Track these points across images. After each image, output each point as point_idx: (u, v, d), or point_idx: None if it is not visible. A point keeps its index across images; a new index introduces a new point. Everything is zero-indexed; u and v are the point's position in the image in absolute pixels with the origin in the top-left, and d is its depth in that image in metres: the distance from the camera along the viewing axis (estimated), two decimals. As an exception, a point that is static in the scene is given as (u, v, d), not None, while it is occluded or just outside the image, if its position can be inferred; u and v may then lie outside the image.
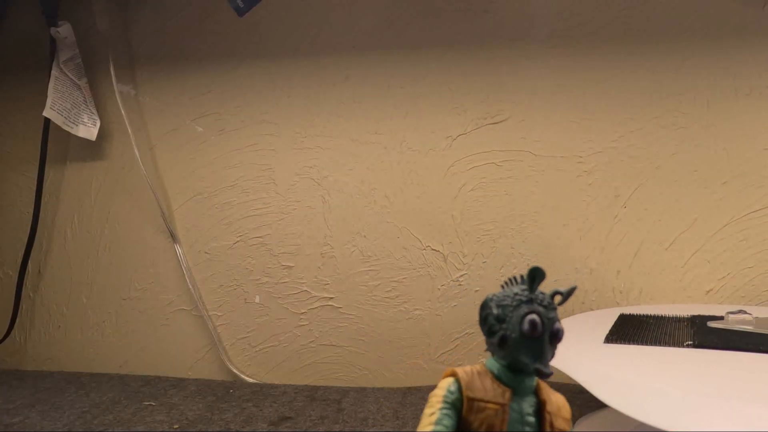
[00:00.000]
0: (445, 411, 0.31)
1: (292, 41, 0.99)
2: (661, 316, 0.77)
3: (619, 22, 0.91)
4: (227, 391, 0.90)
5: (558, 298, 0.32)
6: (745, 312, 0.70)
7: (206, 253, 1.02)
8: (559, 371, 0.54)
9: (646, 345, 0.64)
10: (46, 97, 1.00)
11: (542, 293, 0.32)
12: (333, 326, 0.99)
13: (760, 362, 0.58)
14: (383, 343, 0.97)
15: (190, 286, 1.01)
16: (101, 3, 1.02)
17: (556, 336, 0.30)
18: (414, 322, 0.96)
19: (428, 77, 0.95)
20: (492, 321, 0.32)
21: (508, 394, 0.30)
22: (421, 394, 0.87)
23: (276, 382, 0.98)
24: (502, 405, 0.30)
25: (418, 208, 0.96)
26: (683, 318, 0.76)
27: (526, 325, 0.30)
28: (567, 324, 0.78)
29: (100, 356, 1.05)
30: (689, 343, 0.65)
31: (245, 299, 1.01)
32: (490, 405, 0.30)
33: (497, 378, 0.31)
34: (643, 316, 0.78)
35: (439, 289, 0.96)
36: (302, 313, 0.99)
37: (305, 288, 0.99)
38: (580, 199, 0.92)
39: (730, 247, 0.89)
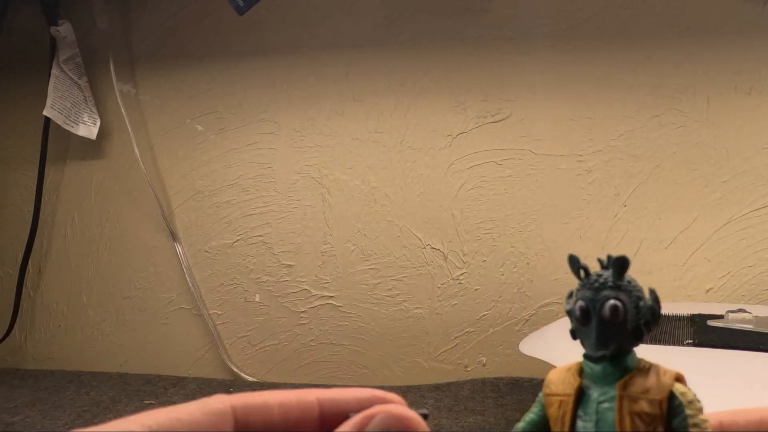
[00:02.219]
0: (533, 408, 0.32)
1: (292, 40, 0.99)
2: (661, 315, 0.77)
3: (619, 20, 0.91)
4: (227, 390, 0.90)
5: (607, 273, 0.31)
6: (745, 311, 0.70)
7: (206, 251, 1.02)
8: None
9: (646, 343, 0.64)
10: (47, 96, 1.00)
11: (597, 275, 0.31)
12: (333, 325, 0.99)
13: (760, 361, 0.58)
14: (383, 341, 0.97)
15: (191, 285, 1.01)
16: (101, 2, 1.02)
17: (606, 317, 0.29)
18: (414, 321, 0.96)
19: (428, 75, 0.95)
20: (569, 316, 0.32)
21: (577, 384, 0.30)
22: (421, 392, 0.87)
23: (276, 381, 0.98)
24: (568, 396, 0.30)
25: (419, 207, 0.96)
26: (683, 317, 0.76)
27: (577, 313, 0.30)
28: (566, 323, 0.78)
29: (100, 355, 1.05)
30: (689, 341, 0.65)
31: (245, 298, 1.01)
32: (557, 398, 0.30)
33: (581, 371, 0.31)
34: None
35: (439, 287, 0.96)
36: (302, 311, 0.99)
37: (305, 287, 0.99)
38: (580, 197, 0.92)
39: (730, 245, 0.89)
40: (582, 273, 0.31)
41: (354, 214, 0.98)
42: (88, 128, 1.02)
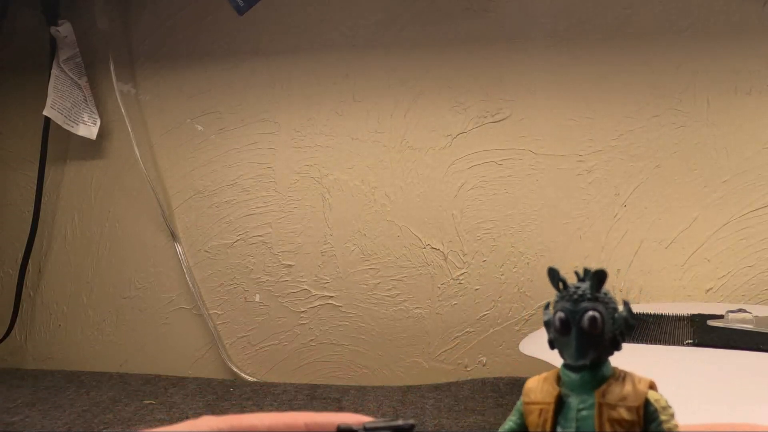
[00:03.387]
0: (512, 417, 0.33)
1: (292, 40, 0.99)
2: (661, 315, 0.77)
3: (619, 20, 0.91)
4: (227, 390, 0.90)
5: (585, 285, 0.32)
6: (745, 311, 0.70)
7: (206, 251, 1.02)
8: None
9: (646, 343, 0.64)
10: (47, 96, 1.00)
11: (575, 287, 0.32)
12: (333, 325, 0.99)
13: (760, 361, 0.58)
14: (383, 341, 0.97)
15: (191, 285, 1.01)
16: (101, 2, 1.02)
17: (585, 328, 0.30)
18: (414, 321, 0.96)
19: (428, 76, 0.95)
20: (546, 326, 0.32)
21: (556, 393, 0.31)
22: (421, 392, 0.87)
23: (276, 381, 0.98)
24: (548, 404, 0.31)
25: (419, 207, 0.96)
26: (683, 317, 0.76)
27: (556, 324, 0.31)
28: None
29: (100, 355, 1.05)
30: (689, 341, 0.65)
31: (245, 298, 1.01)
32: (537, 406, 0.31)
33: (559, 379, 0.32)
34: (643, 314, 0.78)
35: (439, 287, 0.96)
36: (302, 311, 0.99)
37: (305, 286, 0.99)
38: (580, 197, 0.92)
39: (730, 245, 0.89)
40: (561, 285, 0.32)
41: (354, 214, 0.98)
42: (88, 128, 1.02)
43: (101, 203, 1.05)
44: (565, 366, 0.31)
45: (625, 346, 0.31)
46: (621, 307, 0.32)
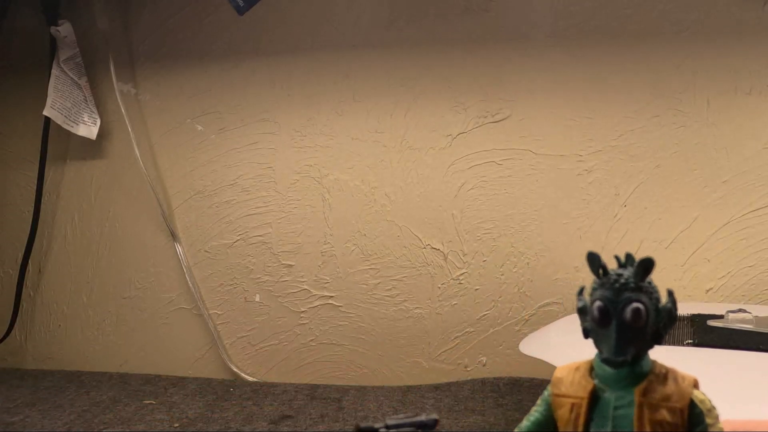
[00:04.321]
0: (538, 407, 0.31)
1: (292, 40, 0.99)
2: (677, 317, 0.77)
3: (619, 20, 0.91)
4: (227, 390, 0.90)
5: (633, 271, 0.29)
6: (745, 311, 0.70)
7: (206, 251, 1.02)
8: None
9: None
10: (47, 96, 1.00)
11: (617, 273, 0.29)
12: (333, 325, 0.99)
13: (760, 361, 0.58)
14: (383, 341, 0.97)
15: (191, 285, 1.01)
16: (101, 2, 1.02)
17: (627, 321, 0.28)
18: (414, 321, 0.96)
19: (428, 75, 0.95)
20: (580, 313, 0.30)
21: (590, 387, 0.29)
22: (422, 392, 0.87)
23: (276, 381, 0.98)
24: (581, 399, 0.29)
25: (419, 207, 0.96)
26: (683, 317, 0.76)
27: (594, 313, 0.29)
28: (566, 323, 0.78)
29: (100, 355, 1.05)
30: (689, 341, 0.65)
31: (245, 298, 1.01)
32: (568, 399, 0.29)
33: (592, 371, 0.29)
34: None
35: (439, 287, 0.96)
36: (302, 311, 0.99)
37: (305, 286, 0.99)
38: (580, 197, 0.92)
39: (730, 245, 0.89)
40: (600, 271, 0.30)
41: (354, 214, 0.98)
42: (88, 128, 1.02)
43: (101, 203, 1.05)
44: (605, 361, 0.29)
45: None
46: (665, 299, 0.30)
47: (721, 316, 0.71)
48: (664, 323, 0.29)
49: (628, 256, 0.30)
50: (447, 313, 0.96)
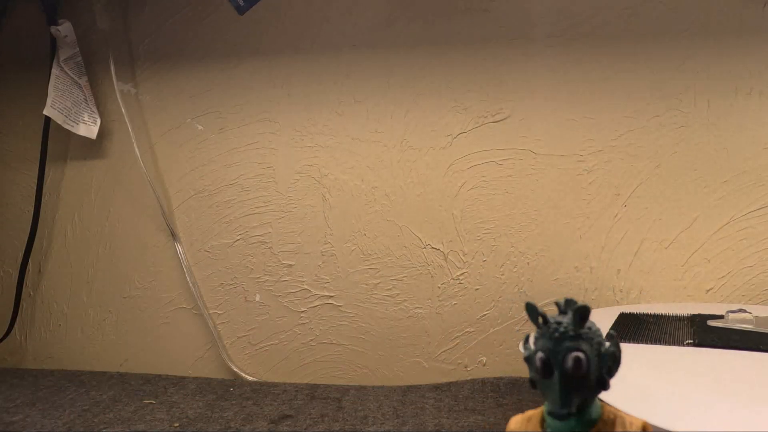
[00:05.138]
0: None
1: (293, 40, 0.99)
2: (661, 315, 0.77)
3: (619, 21, 0.91)
4: (227, 390, 0.90)
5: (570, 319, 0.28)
6: (745, 311, 0.70)
7: (206, 251, 1.02)
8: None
9: (647, 344, 0.64)
10: (47, 95, 1.00)
11: (556, 322, 0.29)
12: (333, 324, 0.99)
13: (760, 361, 0.58)
14: (383, 341, 0.97)
15: (191, 285, 1.01)
16: (101, 2, 1.02)
17: (569, 371, 0.27)
18: (414, 321, 0.96)
19: (429, 76, 0.95)
20: (526, 362, 0.30)
21: None
22: (421, 392, 0.87)
23: (276, 381, 0.98)
24: None
25: (419, 207, 0.96)
26: (683, 317, 0.76)
27: (537, 364, 0.29)
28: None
29: (100, 354, 1.05)
30: (689, 341, 0.65)
31: (245, 297, 1.01)
32: None
33: (544, 421, 0.29)
34: (643, 314, 0.78)
35: (439, 287, 0.96)
36: (302, 311, 0.99)
37: (305, 286, 0.99)
38: (581, 197, 0.92)
39: (730, 246, 0.89)
40: (540, 320, 0.30)
41: (354, 214, 0.98)
42: (88, 128, 1.02)
43: (101, 203, 1.05)
44: (550, 414, 0.29)
45: (626, 346, 0.29)
46: (607, 343, 0.29)
47: (721, 316, 0.71)
48: (608, 367, 0.29)
49: (567, 302, 0.30)
50: (447, 313, 0.96)
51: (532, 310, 0.29)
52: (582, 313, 0.28)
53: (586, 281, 0.91)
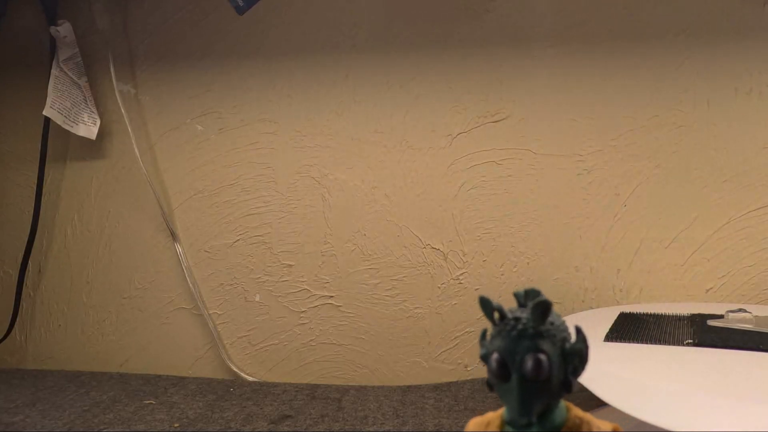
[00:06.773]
0: None
1: (292, 40, 0.99)
2: (661, 315, 0.77)
3: (619, 21, 0.91)
4: (227, 390, 0.90)
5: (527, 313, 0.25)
6: (745, 310, 0.70)
7: (206, 251, 1.02)
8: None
9: (646, 343, 0.64)
10: (46, 96, 1.00)
11: (514, 318, 0.25)
12: (333, 325, 0.99)
13: (760, 361, 0.58)
14: (383, 341, 0.97)
15: (191, 285, 1.01)
16: (101, 2, 1.02)
17: (527, 373, 0.24)
18: (414, 321, 0.96)
19: (428, 76, 0.95)
20: (483, 361, 0.27)
21: None
22: (421, 392, 0.87)
23: (276, 381, 0.98)
24: None
25: (419, 207, 0.96)
26: (683, 316, 0.76)
27: (492, 366, 0.25)
28: (567, 323, 0.78)
29: (100, 355, 1.05)
30: (689, 341, 0.65)
31: (245, 298, 1.01)
32: None
33: (501, 423, 0.27)
34: (643, 314, 0.78)
35: (439, 287, 0.96)
36: (302, 311, 0.99)
37: (305, 286, 0.99)
38: (580, 197, 0.92)
39: (730, 245, 0.89)
40: (497, 315, 0.26)
41: (354, 214, 0.98)
42: (88, 128, 1.02)
43: (101, 203, 1.05)
44: (508, 422, 0.26)
45: (625, 346, 0.28)
46: (573, 337, 0.26)
47: (721, 316, 0.71)
48: (574, 367, 0.26)
49: (527, 293, 0.27)
50: (447, 313, 0.96)
51: (486, 305, 0.26)
52: (542, 308, 0.25)
53: (586, 281, 0.91)
